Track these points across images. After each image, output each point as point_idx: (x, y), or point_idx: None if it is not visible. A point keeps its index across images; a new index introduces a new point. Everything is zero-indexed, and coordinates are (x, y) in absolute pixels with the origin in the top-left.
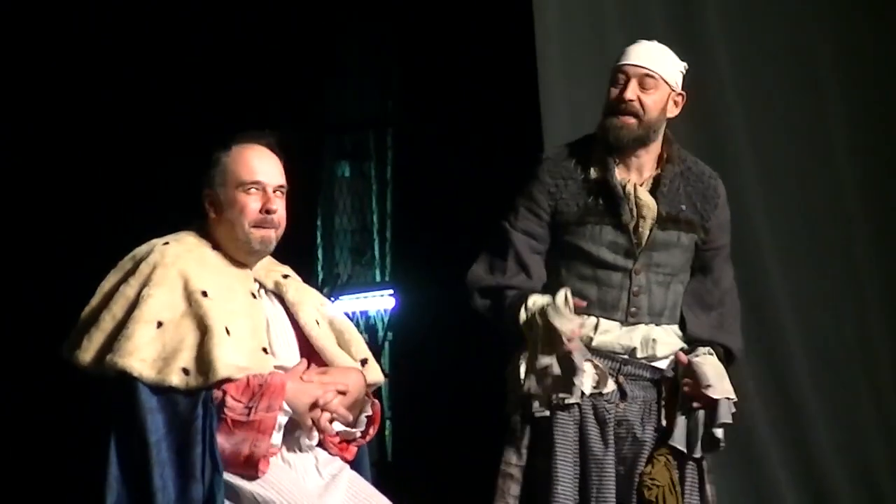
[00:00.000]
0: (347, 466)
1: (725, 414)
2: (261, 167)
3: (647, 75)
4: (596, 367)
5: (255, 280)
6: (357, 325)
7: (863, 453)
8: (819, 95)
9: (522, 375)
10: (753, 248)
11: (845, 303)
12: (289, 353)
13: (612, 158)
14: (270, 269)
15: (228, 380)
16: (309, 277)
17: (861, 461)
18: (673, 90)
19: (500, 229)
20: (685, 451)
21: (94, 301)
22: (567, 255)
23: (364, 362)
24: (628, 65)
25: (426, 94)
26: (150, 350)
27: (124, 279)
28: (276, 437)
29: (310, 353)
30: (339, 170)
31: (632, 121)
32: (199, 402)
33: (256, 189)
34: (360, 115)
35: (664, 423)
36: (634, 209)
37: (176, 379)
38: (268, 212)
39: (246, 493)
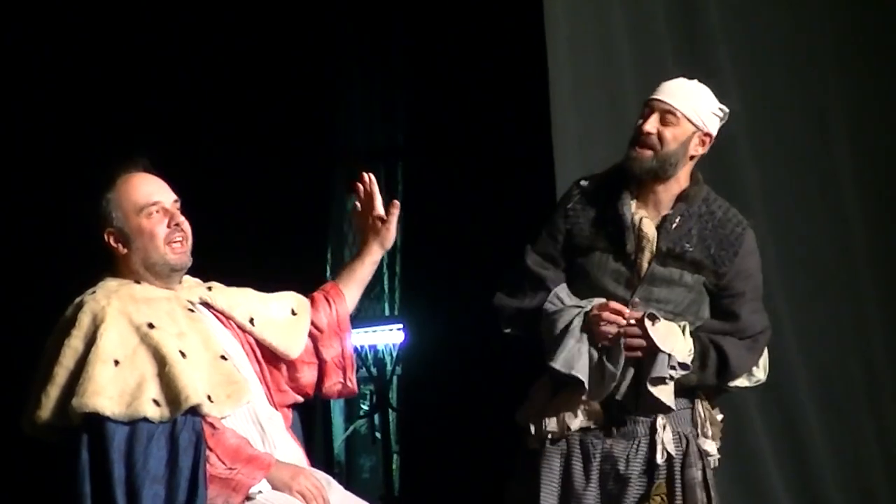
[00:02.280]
0: (335, 481)
1: (661, 367)
2: (152, 189)
3: (669, 111)
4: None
5: (186, 299)
6: (365, 359)
7: (866, 486)
8: (823, 125)
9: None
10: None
11: (849, 334)
12: (238, 357)
13: (630, 190)
14: (193, 287)
15: (198, 407)
16: None
17: (865, 495)
18: (699, 129)
19: (522, 253)
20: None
21: (42, 366)
22: (575, 279)
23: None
24: (654, 99)
25: (436, 127)
26: (114, 387)
27: (66, 334)
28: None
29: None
30: (350, 202)
31: (648, 153)
32: (181, 430)
33: (157, 210)
34: (370, 147)
35: (658, 459)
36: (635, 240)
37: (150, 410)
38: (176, 226)
39: None
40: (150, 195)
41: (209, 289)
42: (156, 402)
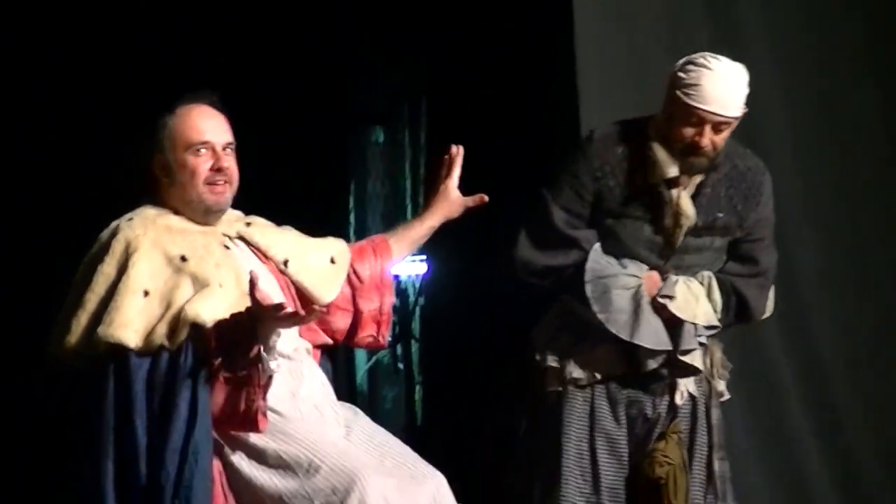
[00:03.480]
0: (367, 418)
1: (689, 339)
2: (207, 126)
3: (724, 122)
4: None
5: (223, 234)
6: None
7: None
8: (857, 87)
9: (537, 350)
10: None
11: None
12: (271, 292)
13: (669, 161)
14: (233, 221)
15: (197, 324)
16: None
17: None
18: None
19: (541, 204)
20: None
21: (73, 291)
22: (604, 240)
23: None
24: (707, 112)
25: (459, 60)
26: (141, 320)
27: (99, 260)
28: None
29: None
30: (373, 136)
31: (703, 160)
32: (186, 352)
33: (206, 149)
34: (394, 81)
35: (678, 401)
36: (674, 216)
37: (166, 340)
38: (219, 170)
39: (271, 453)
40: (202, 133)
41: (248, 224)
42: (172, 329)
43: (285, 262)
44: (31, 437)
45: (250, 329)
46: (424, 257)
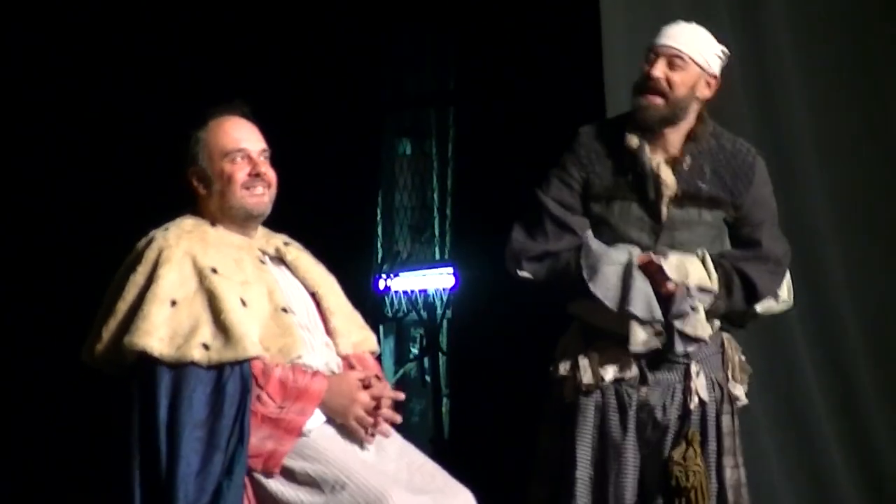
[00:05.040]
0: (396, 433)
1: (681, 301)
2: (242, 135)
3: (676, 55)
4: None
5: (259, 249)
6: (416, 303)
7: None
8: (881, 79)
9: (558, 360)
10: (816, 248)
11: None
12: (304, 312)
13: (641, 136)
14: (270, 237)
15: (255, 358)
16: (369, 253)
17: None
18: (705, 71)
19: (534, 199)
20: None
21: (107, 299)
22: (596, 227)
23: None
24: (659, 45)
25: (487, 71)
26: (166, 329)
27: (132, 269)
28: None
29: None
30: (401, 147)
31: (658, 100)
32: (229, 377)
33: (242, 157)
34: (421, 92)
35: (690, 406)
36: (654, 187)
37: (197, 354)
38: (256, 175)
39: (299, 471)
40: (237, 141)
41: (286, 244)
42: (205, 346)
43: (314, 294)
44: (65, 442)
45: (318, 395)
46: (452, 270)
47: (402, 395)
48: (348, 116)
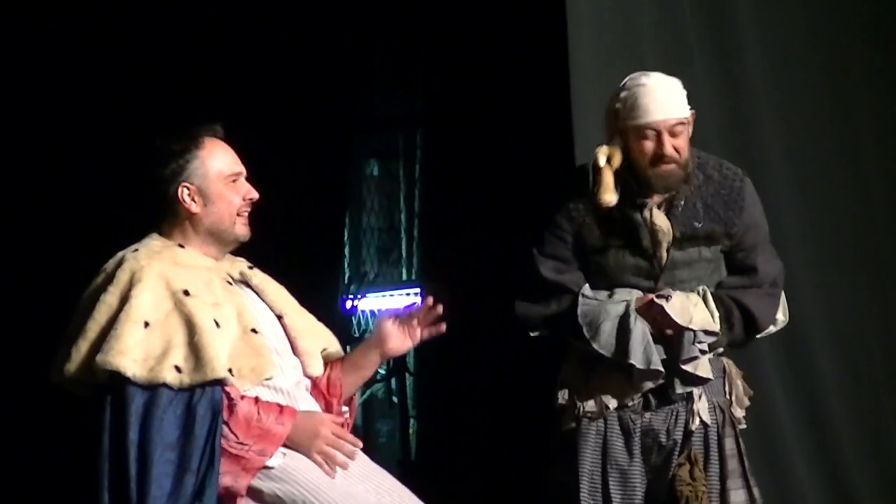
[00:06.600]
0: (365, 456)
1: (688, 348)
2: (235, 158)
3: (677, 124)
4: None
5: (226, 272)
6: None
7: (887, 458)
8: (848, 99)
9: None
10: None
11: (871, 310)
12: (272, 334)
13: (633, 187)
14: (234, 261)
15: (223, 381)
16: (337, 274)
17: (887, 467)
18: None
19: (529, 258)
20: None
21: (75, 319)
22: (593, 276)
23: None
24: (658, 121)
25: (455, 94)
26: (140, 350)
27: (102, 290)
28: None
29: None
30: (369, 168)
31: (673, 167)
32: (200, 399)
33: (240, 179)
34: (389, 114)
35: (692, 427)
36: (650, 235)
37: (169, 376)
38: (250, 199)
39: (267, 492)
40: (236, 163)
41: (250, 268)
42: (177, 368)
43: (280, 317)
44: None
45: (280, 438)
46: (419, 290)
47: (360, 444)
48: (317, 137)
